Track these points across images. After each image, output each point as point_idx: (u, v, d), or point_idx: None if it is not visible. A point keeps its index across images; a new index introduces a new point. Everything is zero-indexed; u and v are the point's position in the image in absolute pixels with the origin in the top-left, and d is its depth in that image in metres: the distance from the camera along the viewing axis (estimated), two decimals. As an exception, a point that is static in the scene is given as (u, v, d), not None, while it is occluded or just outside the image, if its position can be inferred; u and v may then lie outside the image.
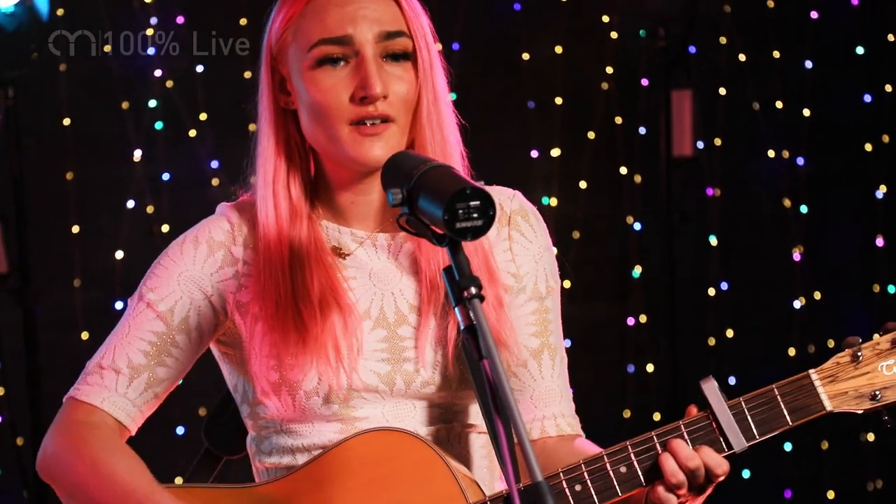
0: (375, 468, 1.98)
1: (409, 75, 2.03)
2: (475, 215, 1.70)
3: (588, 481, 1.97)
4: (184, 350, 2.07)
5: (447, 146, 2.08)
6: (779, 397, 1.99)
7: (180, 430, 4.60)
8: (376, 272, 2.09)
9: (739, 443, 1.98)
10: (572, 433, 2.16)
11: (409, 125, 2.05)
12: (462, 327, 1.71)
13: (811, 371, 2.00)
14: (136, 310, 2.07)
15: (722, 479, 1.99)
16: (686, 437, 1.98)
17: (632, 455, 1.98)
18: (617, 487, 1.97)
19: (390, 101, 2.01)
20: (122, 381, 2.04)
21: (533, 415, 2.14)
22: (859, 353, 1.99)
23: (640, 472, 1.98)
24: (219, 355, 2.14)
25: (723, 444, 1.99)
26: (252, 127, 2.12)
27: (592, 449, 2.11)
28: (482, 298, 1.70)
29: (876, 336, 2.00)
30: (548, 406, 2.14)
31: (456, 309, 1.72)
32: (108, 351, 2.06)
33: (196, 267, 2.07)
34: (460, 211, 1.69)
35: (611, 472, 1.97)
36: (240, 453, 2.25)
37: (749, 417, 1.99)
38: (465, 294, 1.70)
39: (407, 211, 1.79)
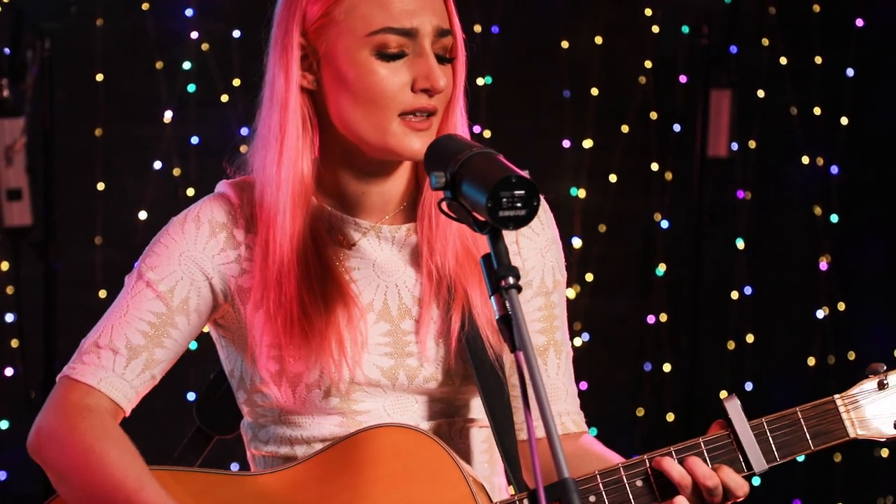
0: (384, 465, 1.96)
1: (450, 74, 2.01)
2: (519, 204, 1.68)
3: (603, 493, 1.95)
4: (182, 331, 2.01)
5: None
6: (802, 420, 1.98)
7: (191, 396, 4.59)
8: (380, 264, 2.06)
9: (760, 464, 1.98)
10: (577, 431, 2.15)
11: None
12: (497, 317, 1.68)
13: (836, 396, 2.00)
14: (135, 288, 2.01)
15: (741, 500, 1.98)
16: (706, 454, 1.97)
17: (649, 469, 1.96)
18: (632, 501, 1.96)
19: (439, 97, 1.98)
20: (119, 362, 1.98)
21: (539, 413, 2.12)
22: (885, 381, 1.99)
23: (655, 487, 1.96)
24: (216, 337, 2.10)
25: (742, 464, 1.98)
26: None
27: (597, 447, 2.10)
28: (520, 289, 1.68)
29: None
30: (553, 404, 2.13)
31: (492, 298, 1.70)
32: (106, 329, 2.00)
33: (198, 248, 2.02)
34: (504, 199, 1.67)
35: (627, 485, 1.96)
36: (232, 433, 2.21)
37: (771, 439, 1.98)
38: (503, 283, 1.68)
39: (449, 195, 1.76)
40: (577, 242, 5.05)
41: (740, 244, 5.18)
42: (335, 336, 1.98)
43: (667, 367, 5.15)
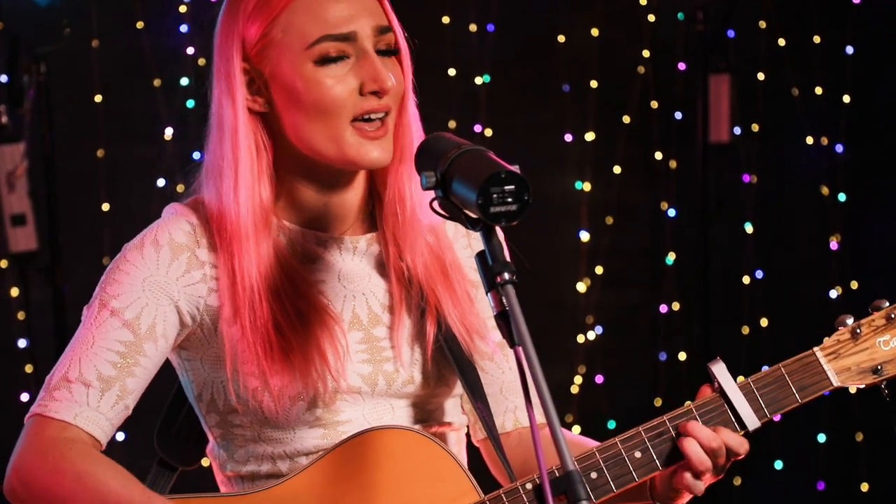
0: (385, 468, 1.95)
1: (398, 69, 2.00)
2: (510, 200, 1.67)
3: (604, 468, 1.97)
4: (151, 359, 1.97)
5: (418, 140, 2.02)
6: (786, 375, 2.03)
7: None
8: (344, 273, 2.04)
9: (752, 421, 2.00)
10: (542, 422, 2.12)
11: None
12: (494, 313, 1.69)
13: (815, 349, 2.06)
14: (98, 318, 1.95)
15: (742, 457, 2.01)
16: (698, 418, 2.00)
17: (646, 440, 1.98)
18: (633, 473, 1.98)
19: (390, 95, 1.97)
20: (93, 395, 1.92)
21: (504, 406, 2.14)
22: (858, 330, 2.06)
23: (655, 457, 1.98)
24: (179, 363, 2.05)
25: (735, 423, 2.01)
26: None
27: (568, 434, 2.10)
28: (516, 284, 1.68)
29: (871, 313, 2.07)
30: (518, 396, 2.14)
31: (488, 295, 1.70)
32: (73, 363, 1.94)
33: (161, 272, 1.97)
34: (494, 195, 1.67)
35: (626, 458, 1.97)
36: (194, 464, 2.13)
37: (759, 397, 2.02)
38: (498, 279, 1.68)
39: (440, 194, 1.76)
40: (584, 236, 5.04)
41: (749, 228, 5.17)
42: (317, 351, 1.96)
43: (682, 356, 5.13)
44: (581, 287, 5.05)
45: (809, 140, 5.19)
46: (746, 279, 5.17)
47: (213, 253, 1.99)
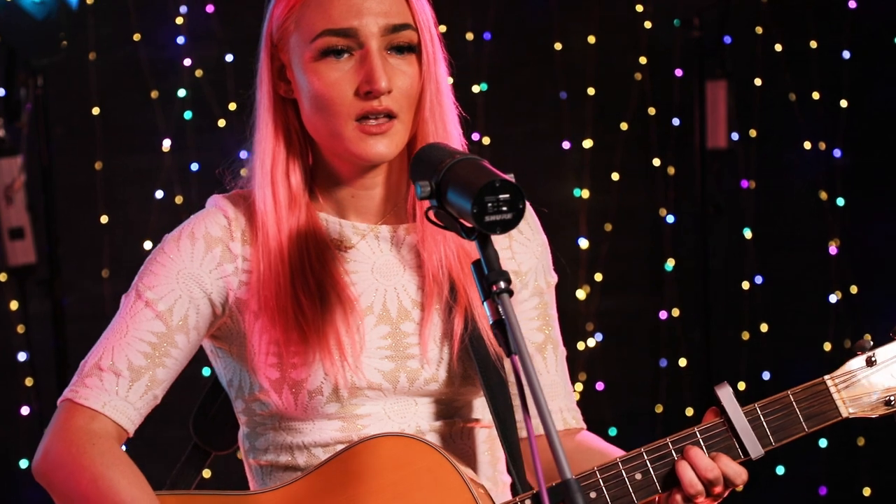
0: (386, 475, 1.95)
1: (413, 69, 2.00)
2: (504, 208, 1.68)
3: (604, 488, 1.96)
4: (182, 350, 2.01)
5: (450, 140, 2.04)
6: (794, 403, 1.99)
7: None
8: (379, 266, 2.06)
9: (756, 449, 1.98)
10: (577, 426, 2.16)
11: (412, 119, 2.01)
12: (491, 322, 1.69)
13: (826, 377, 2.01)
14: (133, 308, 2.00)
15: (740, 488, 1.99)
16: (701, 442, 1.98)
17: (647, 462, 1.97)
18: (633, 495, 1.96)
19: (394, 96, 1.97)
20: (122, 384, 1.97)
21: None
22: (874, 358, 1.99)
23: (655, 480, 1.97)
24: (211, 349, 2.10)
25: (738, 450, 1.99)
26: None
27: (597, 442, 2.11)
28: (511, 293, 1.68)
29: (893, 338, 2.01)
30: (553, 400, 2.14)
31: (485, 303, 1.70)
32: (106, 351, 1.99)
33: (194, 264, 2.01)
34: (489, 204, 1.67)
35: (626, 479, 1.96)
36: (229, 448, 2.20)
37: (765, 423, 1.99)
38: (494, 288, 1.68)
39: (435, 204, 1.76)
40: (584, 243, 5.04)
41: (748, 234, 5.17)
42: (334, 339, 1.98)
43: (682, 362, 5.13)
44: (581, 294, 5.05)
45: (807, 145, 5.19)
46: (746, 285, 5.17)
47: (246, 246, 2.03)
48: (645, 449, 1.97)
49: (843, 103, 5.19)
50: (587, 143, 5.07)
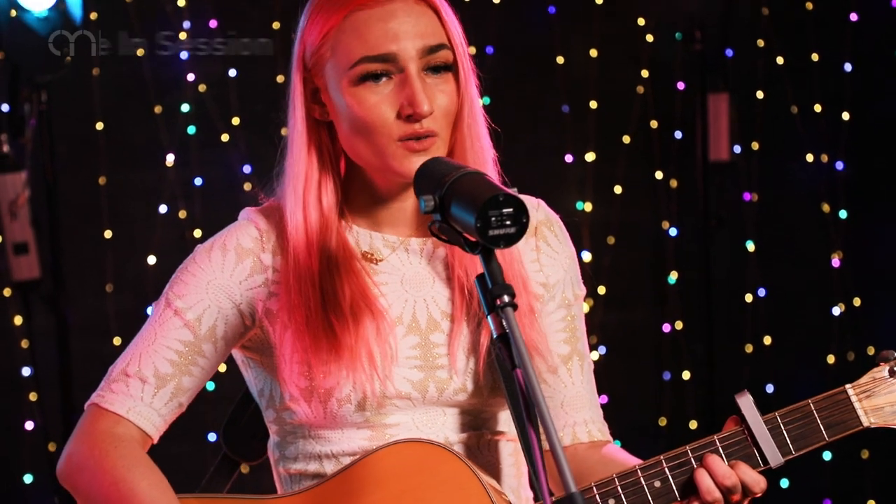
0: (407, 480, 1.96)
1: (451, 87, 2.01)
2: (508, 222, 1.68)
3: (622, 496, 1.96)
4: (209, 359, 2.04)
5: (483, 152, 2.07)
6: (815, 412, 1.99)
7: (212, 437, 4.59)
8: (409, 278, 2.07)
9: (775, 458, 1.98)
10: (603, 439, 2.16)
11: (450, 135, 2.03)
12: (495, 336, 1.69)
13: (847, 386, 2.00)
14: (162, 316, 2.04)
15: (759, 496, 1.98)
16: (721, 451, 1.98)
17: (666, 469, 1.97)
18: (651, 502, 1.96)
19: (435, 117, 1.98)
20: (147, 391, 2.01)
21: (564, 420, 2.14)
22: None
23: (674, 487, 1.97)
24: (242, 360, 2.12)
25: (758, 458, 1.99)
26: (285, 131, 2.10)
27: (622, 455, 2.10)
28: (515, 307, 1.69)
29: None
30: (578, 412, 2.14)
31: (489, 317, 1.70)
32: (134, 358, 2.03)
33: (225, 275, 2.04)
34: (493, 218, 1.67)
35: (645, 487, 1.96)
36: (259, 458, 2.22)
37: (785, 432, 1.98)
38: (499, 302, 1.68)
39: (439, 218, 1.77)
40: (587, 256, 5.04)
41: (750, 246, 5.17)
42: (365, 350, 1.99)
43: (686, 375, 5.13)
44: (584, 307, 5.04)
45: (809, 157, 5.20)
46: (749, 297, 5.17)
47: (277, 258, 2.05)
48: (664, 456, 1.97)
49: (845, 116, 5.20)
50: (590, 157, 5.08)
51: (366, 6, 1.98)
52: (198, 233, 4.69)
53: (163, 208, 4.71)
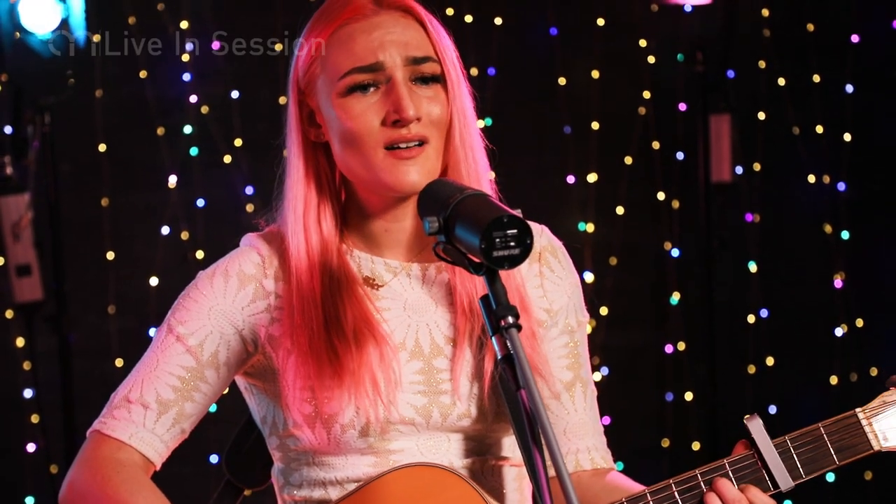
0: (414, 503, 1.95)
1: (441, 97, 2.01)
2: (512, 244, 1.68)
3: None
4: (212, 385, 2.04)
5: (479, 169, 2.06)
6: (825, 436, 1.99)
7: (214, 459, 4.58)
8: (411, 303, 2.07)
9: (786, 481, 1.98)
10: (606, 467, 2.15)
11: (442, 148, 2.03)
12: (499, 357, 1.69)
13: (857, 410, 2.00)
14: (164, 342, 2.03)
15: None
16: (731, 474, 1.97)
17: (676, 493, 1.96)
18: None
19: (424, 123, 1.99)
20: (150, 417, 2.01)
21: (567, 448, 2.13)
22: None
23: None
24: (245, 386, 2.12)
25: (768, 482, 1.98)
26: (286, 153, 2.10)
27: (626, 483, 2.09)
28: (519, 328, 1.69)
29: None
30: (581, 439, 2.13)
31: (493, 338, 1.71)
32: (136, 384, 2.02)
33: (227, 301, 2.04)
34: (497, 239, 1.67)
35: None
36: (262, 485, 2.21)
37: (795, 456, 1.98)
38: (503, 323, 1.69)
39: (443, 239, 1.77)
40: (589, 277, 5.04)
41: (753, 267, 5.17)
42: (368, 376, 1.98)
43: (689, 396, 5.12)
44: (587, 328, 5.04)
45: (811, 178, 5.21)
46: (751, 318, 5.17)
47: (279, 283, 2.05)
48: (674, 480, 1.97)
49: (847, 137, 5.20)
50: (592, 178, 5.08)
51: (352, 21, 2.00)
52: (200, 254, 4.69)
53: (165, 229, 4.71)
